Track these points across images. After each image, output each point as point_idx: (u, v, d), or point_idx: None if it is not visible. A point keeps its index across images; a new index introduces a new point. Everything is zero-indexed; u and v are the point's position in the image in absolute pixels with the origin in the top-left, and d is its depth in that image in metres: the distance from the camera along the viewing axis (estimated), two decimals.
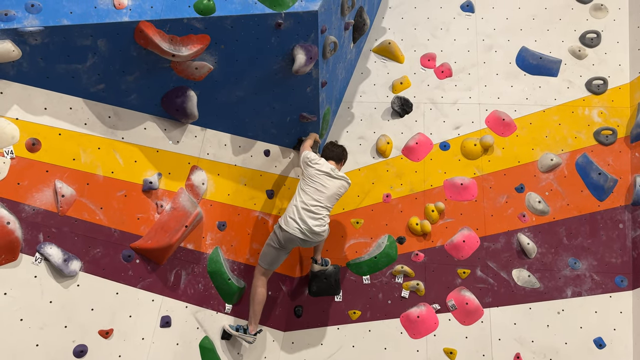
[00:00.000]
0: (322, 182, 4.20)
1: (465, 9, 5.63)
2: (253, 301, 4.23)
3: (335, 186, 4.24)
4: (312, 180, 4.21)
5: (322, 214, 4.17)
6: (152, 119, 4.10)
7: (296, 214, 4.12)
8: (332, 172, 4.25)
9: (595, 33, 5.45)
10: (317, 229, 4.12)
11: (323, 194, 4.18)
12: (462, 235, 4.96)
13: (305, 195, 4.17)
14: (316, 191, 4.17)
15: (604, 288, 4.81)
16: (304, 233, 4.09)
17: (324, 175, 4.22)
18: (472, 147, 5.16)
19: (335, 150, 4.50)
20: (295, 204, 4.17)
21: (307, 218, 4.09)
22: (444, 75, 5.45)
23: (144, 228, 3.93)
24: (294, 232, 4.08)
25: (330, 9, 4.14)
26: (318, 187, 4.18)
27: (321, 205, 4.16)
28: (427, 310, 4.79)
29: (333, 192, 4.23)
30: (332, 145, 4.55)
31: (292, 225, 4.10)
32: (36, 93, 3.52)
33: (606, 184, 4.99)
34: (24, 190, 3.37)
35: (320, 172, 4.22)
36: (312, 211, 4.12)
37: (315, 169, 4.23)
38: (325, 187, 4.19)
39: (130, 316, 3.76)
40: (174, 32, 3.64)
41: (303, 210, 4.12)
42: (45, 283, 3.37)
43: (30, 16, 3.29)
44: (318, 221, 4.14)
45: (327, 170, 4.24)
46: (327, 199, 4.19)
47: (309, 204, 4.13)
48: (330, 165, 4.30)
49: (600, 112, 5.25)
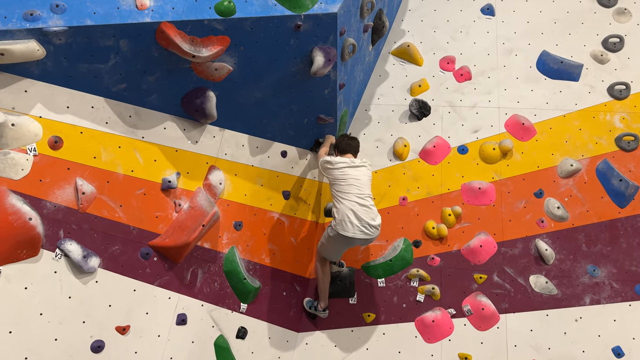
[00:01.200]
0: (352, 175, 4.25)
1: (486, 12, 5.60)
2: (320, 280, 4.57)
3: (363, 174, 4.32)
4: (343, 180, 4.25)
5: (370, 202, 4.24)
6: (171, 119, 4.15)
7: (351, 215, 4.12)
8: (352, 162, 4.32)
9: (618, 37, 5.37)
10: (375, 222, 4.17)
11: (360, 183, 4.24)
12: (479, 240, 4.92)
13: (347, 195, 4.19)
14: (351, 185, 4.22)
15: (624, 296, 4.73)
16: (364, 231, 4.13)
17: (347, 168, 4.28)
18: (491, 151, 5.11)
19: (352, 143, 4.54)
20: (344, 207, 4.15)
21: (362, 215, 4.13)
22: (463, 79, 5.41)
23: (162, 226, 3.97)
24: (354, 234, 4.12)
25: (349, 11, 4.15)
26: (352, 181, 4.23)
27: (365, 194, 4.23)
28: (442, 315, 4.76)
29: (365, 180, 4.30)
30: (348, 138, 4.57)
31: (350, 228, 4.11)
32: (59, 92, 3.58)
33: (627, 190, 4.91)
34: (45, 187, 3.43)
35: (344, 168, 4.27)
36: (363, 204, 4.17)
37: (338, 169, 4.28)
38: (357, 178, 4.25)
39: (147, 313, 3.81)
40: (195, 33, 3.68)
41: (355, 208, 4.14)
42: (64, 279, 3.43)
43: (54, 16, 3.35)
44: (371, 213, 4.19)
45: (347, 163, 4.30)
46: (365, 186, 4.26)
47: (355, 200, 4.17)
48: (346, 159, 4.35)
49: (622, 117, 5.17)
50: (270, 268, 4.63)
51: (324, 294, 4.60)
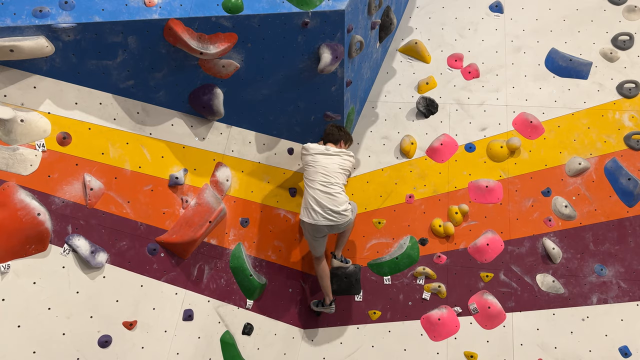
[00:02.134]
0: (321, 163, 4.24)
1: (494, 10, 5.56)
2: (320, 278, 4.57)
3: (334, 162, 4.28)
4: (311, 167, 4.26)
5: (335, 189, 4.18)
6: (179, 116, 4.16)
7: (313, 201, 4.17)
8: (327, 150, 4.30)
9: (628, 35, 5.33)
10: (338, 208, 4.14)
11: (327, 171, 4.21)
12: (486, 238, 4.90)
13: (312, 182, 4.22)
14: (317, 173, 4.22)
15: (631, 296, 4.70)
16: (327, 218, 4.14)
17: (319, 155, 4.27)
18: (499, 149, 5.09)
19: (334, 131, 4.49)
20: (308, 194, 4.23)
21: (324, 202, 4.14)
22: (471, 76, 5.39)
23: (169, 222, 3.99)
24: (316, 221, 4.16)
25: (357, 8, 4.13)
26: (318, 168, 4.23)
27: (330, 182, 4.19)
28: (448, 313, 4.75)
29: (334, 168, 4.25)
30: (332, 126, 4.54)
31: (313, 215, 4.17)
32: (68, 88, 3.61)
33: (636, 189, 4.87)
34: (54, 183, 3.45)
35: (314, 154, 4.28)
36: (325, 192, 4.16)
37: (310, 154, 4.30)
38: (325, 166, 4.23)
39: (153, 309, 3.83)
40: (203, 30, 3.69)
41: (317, 195, 4.16)
42: (72, 274, 3.45)
43: (63, 13, 3.37)
44: (335, 200, 4.15)
45: (319, 150, 4.29)
46: (333, 175, 4.21)
47: (318, 187, 4.17)
48: (321, 147, 4.34)
49: (631, 116, 5.13)
50: (276, 265, 4.65)
51: (327, 290, 4.59)
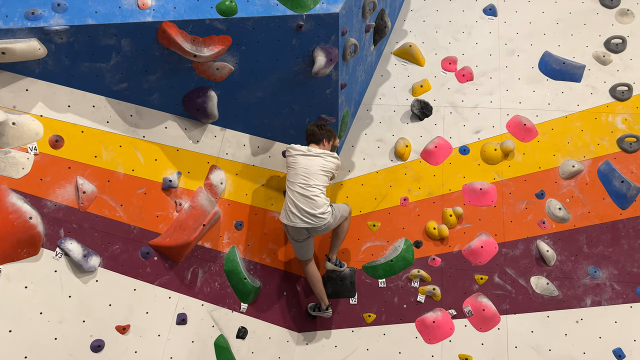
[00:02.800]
0: (301, 164, 4.15)
1: (488, 13, 5.58)
2: (311, 284, 4.54)
3: (316, 163, 4.17)
4: (291, 167, 4.21)
5: (313, 192, 4.10)
6: (173, 118, 4.15)
7: (291, 203, 4.13)
8: (308, 151, 4.21)
9: (621, 38, 5.36)
10: (315, 211, 4.08)
11: (307, 172, 4.13)
12: (481, 240, 4.91)
13: (292, 184, 4.16)
14: (298, 175, 4.14)
15: (625, 298, 4.72)
16: (304, 220, 4.08)
17: (299, 156, 4.19)
18: (492, 152, 5.10)
19: (315, 131, 4.34)
20: (287, 195, 4.19)
21: (302, 204, 4.08)
22: (465, 79, 5.40)
23: (163, 226, 3.97)
24: (294, 223, 4.11)
25: (351, 11, 4.14)
26: (299, 170, 4.15)
27: (309, 184, 4.11)
28: (443, 316, 4.75)
29: (315, 170, 4.15)
30: (312, 127, 4.38)
31: (290, 216, 4.12)
32: (60, 91, 3.59)
33: (629, 192, 4.89)
34: (46, 186, 3.43)
35: (295, 155, 4.20)
36: (303, 194, 4.10)
37: (291, 156, 4.23)
38: (305, 167, 4.14)
39: (147, 313, 3.81)
40: (196, 33, 3.68)
41: (295, 197, 4.11)
42: (65, 278, 3.42)
43: (56, 15, 3.35)
44: (312, 203, 4.08)
45: (300, 151, 4.21)
46: (312, 176, 4.12)
47: (297, 189, 4.11)
48: (304, 148, 4.24)
49: (624, 119, 5.15)
50: (270, 268, 4.63)
51: (321, 294, 4.53)
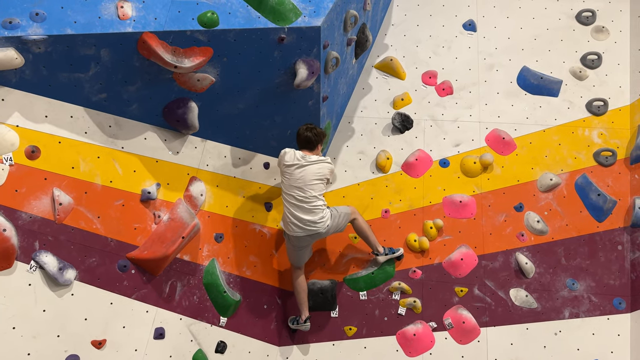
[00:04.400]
0: (294, 175, 4.16)
1: (468, 28, 5.67)
2: (295, 293, 4.54)
3: (311, 171, 4.17)
4: (286, 178, 4.22)
5: (310, 201, 4.14)
6: (152, 129, 4.11)
7: (289, 214, 4.20)
8: (302, 159, 4.18)
9: (597, 54, 5.48)
10: (314, 217, 4.15)
11: (302, 182, 4.14)
12: (460, 253, 4.94)
13: (288, 195, 4.20)
14: (292, 186, 4.16)
15: (602, 310, 4.77)
16: (305, 228, 4.16)
17: (294, 167, 4.18)
18: (472, 165, 5.15)
19: (309, 138, 4.28)
20: (285, 207, 4.25)
21: (300, 214, 4.14)
22: (445, 93, 5.46)
23: (141, 238, 3.91)
24: (296, 232, 4.20)
25: (333, 24, 4.17)
26: (293, 182, 4.16)
27: (305, 195, 4.13)
28: (423, 328, 4.75)
29: (311, 178, 4.15)
30: (305, 132, 4.29)
31: (292, 227, 4.20)
32: (38, 101, 3.54)
33: (605, 205, 4.98)
34: (21, 198, 3.36)
35: (289, 166, 4.20)
36: (300, 206, 4.15)
37: (284, 165, 4.22)
38: (299, 178, 4.15)
39: (123, 327, 3.73)
40: (177, 44, 3.66)
41: (293, 207, 4.17)
42: (39, 291, 3.35)
43: (34, 24, 3.32)
44: (310, 210, 4.14)
45: (294, 162, 4.19)
46: (308, 187, 4.14)
47: (293, 201, 4.16)
48: (299, 155, 4.21)
49: (600, 133, 5.26)
50: (251, 281, 4.59)
51: (302, 305, 4.52)
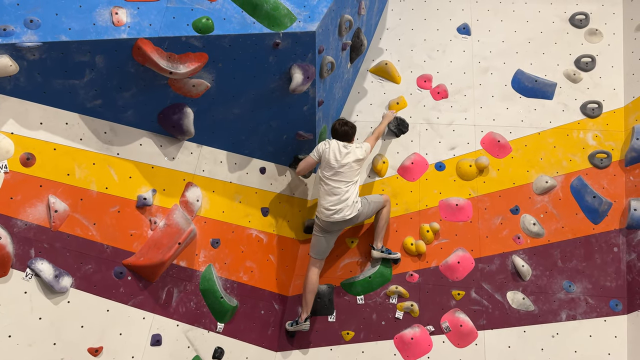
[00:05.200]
0: (334, 165, 4.40)
1: (462, 32, 5.69)
2: (304, 290, 4.58)
3: (348, 160, 4.41)
4: (326, 165, 4.45)
5: (346, 188, 4.39)
6: (148, 135, 4.10)
7: (325, 199, 4.42)
8: (340, 154, 4.43)
9: (590, 57, 5.51)
10: (348, 203, 4.38)
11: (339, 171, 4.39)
12: (457, 256, 4.94)
13: (324, 183, 4.44)
14: (329, 173, 4.42)
15: (599, 312, 4.78)
16: (339, 213, 4.37)
17: (335, 156, 4.42)
18: (468, 168, 5.17)
19: (341, 130, 4.57)
20: (321, 191, 4.48)
21: (335, 197, 4.37)
22: (440, 97, 5.48)
23: (137, 245, 3.90)
24: (331, 218, 4.39)
25: (328, 29, 4.18)
26: (331, 170, 4.41)
27: (339, 181, 4.39)
28: (421, 332, 4.75)
29: (348, 167, 4.41)
30: (338, 124, 4.59)
31: (326, 212, 4.40)
32: (33, 108, 3.52)
33: (601, 207, 4.99)
34: (16, 205, 3.35)
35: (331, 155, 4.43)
36: (335, 191, 4.39)
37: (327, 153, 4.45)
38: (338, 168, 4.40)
39: (120, 334, 3.72)
40: (172, 50, 3.66)
41: (328, 193, 4.41)
42: (35, 299, 3.33)
43: (28, 32, 3.31)
44: (345, 197, 4.38)
45: (337, 150, 4.44)
46: (344, 174, 4.40)
47: (329, 186, 4.40)
48: (338, 145, 4.47)
49: (595, 135, 5.28)
50: (248, 286, 4.58)
51: (307, 305, 4.56)
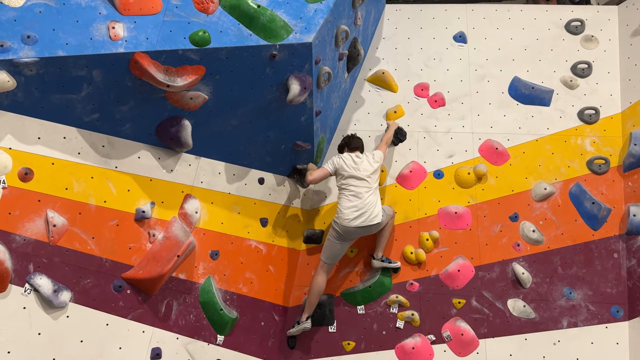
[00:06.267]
0: (352, 175, 4.50)
1: (458, 40, 5.71)
2: (310, 291, 4.65)
3: (364, 169, 4.54)
4: (340, 176, 4.56)
5: (362, 194, 4.45)
6: (146, 148, 4.10)
7: (347, 207, 4.44)
8: (355, 164, 4.55)
9: (587, 63, 5.53)
10: (372, 212, 4.42)
11: (357, 179, 4.49)
12: (457, 264, 4.93)
13: (344, 190, 4.51)
14: (349, 181, 4.50)
15: (600, 318, 4.77)
16: (362, 219, 4.39)
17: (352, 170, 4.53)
18: (466, 176, 5.17)
19: (354, 141, 4.83)
20: (342, 199, 4.51)
21: (357, 205, 4.41)
22: (437, 105, 5.49)
23: (136, 258, 3.89)
24: (349, 223, 4.39)
25: (324, 40, 4.19)
26: (350, 180, 4.50)
27: (359, 187, 4.46)
28: (422, 341, 4.73)
29: (366, 175, 4.52)
30: (351, 137, 4.86)
31: (345, 218, 4.41)
32: (30, 123, 3.53)
33: (600, 213, 4.99)
34: (15, 220, 3.35)
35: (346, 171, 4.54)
36: (357, 196, 4.44)
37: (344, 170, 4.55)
38: (356, 177, 4.50)
39: (120, 348, 3.70)
40: (169, 63, 3.67)
41: (350, 199, 4.44)
42: (34, 314, 3.32)
43: (26, 47, 3.32)
44: (368, 204, 4.43)
45: (352, 169, 4.54)
46: (362, 182, 4.49)
47: (350, 194, 4.46)
48: (351, 155, 4.63)
49: (592, 141, 5.29)
50: (247, 297, 4.57)
51: (311, 305, 4.61)
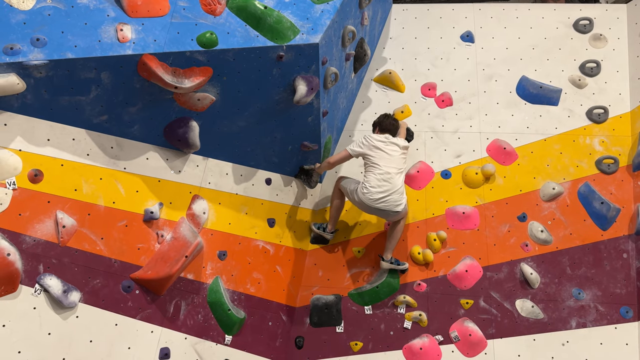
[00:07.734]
0: (382, 157, 4.45)
1: (465, 39, 5.70)
2: (331, 206, 4.93)
3: (394, 151, 4.50)
4: (369, 156, 4.48)
5: (392, 174, 4.41)
6: (154, 149, 4.13)
7: (374, 182, 4.39)
8: (386, 147, 4.50)
9: (595, 62, 5.49)
10: (397, 197, 4.41)
11: (388, 162, 4.44)
12: (465, 264, 4.92)
13: (372, 170, 4.45)
14: (379, 163, 4.43)
15: (609, 319, 4.74)
16: (382, 200, 4.38)
17: (381, 152, 4.47)
18: (474, 176, 5.15)
19: (394, 125, 4.73)
20: (369, 176, 4.44)
21: (384, 186, 4.38)
22: (445, 104, 5.48)
23: (144, 258, 3.92)
24: (371, 203, 4.40)
25: (331, 41, 4.20)
26: (380, 161, 4.44)
27: (389, 172, 4.41)
28: (429, 342, 4.72)
29: (396, 158, 4.48)
30: (386, 117, 4.76)
31: (367, 196, 4.39)
32: (40, 125, 3.56)
33: (609, 213, 4.96)
34: (25, 221, 3.38)
35: (376, 149, 4.48)
36: (385, 179, 4.40)
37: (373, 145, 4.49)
38: (386, 159, 4.45)
39: (129, 348, 3.73)
40: (177, 65, 3.69)
41: (378, 179, 4.39)
42: (44, 315, 3.35)
43: (35, 50, 3.35)
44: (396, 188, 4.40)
45: (382, 139, 4.51)
46: (392, 164, 4.45)
47: (379, 173, 4.40)
48: (383, 137, 4.55)
49: (601, 140, 5.25)
50: (255, 298, 4.58)
51: (332, 220, 4.88)
